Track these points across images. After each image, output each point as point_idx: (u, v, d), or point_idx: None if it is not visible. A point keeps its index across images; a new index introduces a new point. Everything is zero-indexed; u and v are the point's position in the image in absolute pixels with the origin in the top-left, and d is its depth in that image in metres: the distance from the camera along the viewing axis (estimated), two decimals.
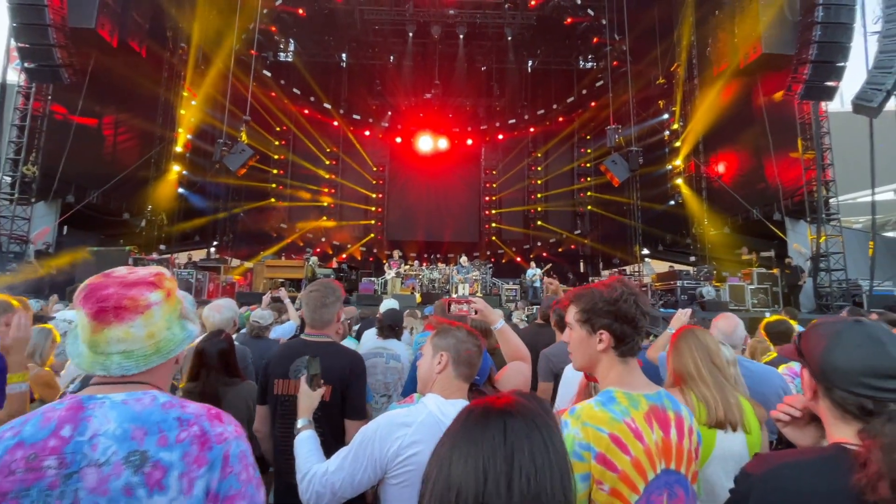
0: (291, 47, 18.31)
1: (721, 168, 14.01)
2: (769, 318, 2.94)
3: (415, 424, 1.27)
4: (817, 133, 10.72)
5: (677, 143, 15.24)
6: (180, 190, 14.99)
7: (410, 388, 2.21)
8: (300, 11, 15.43)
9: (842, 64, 9.36)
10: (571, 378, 2.18)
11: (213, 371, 2.08)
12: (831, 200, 10.70)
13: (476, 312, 1.91)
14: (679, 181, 15.19)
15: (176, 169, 14.54)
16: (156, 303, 0.95)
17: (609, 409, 1.11)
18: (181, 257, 14.49)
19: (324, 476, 1.30)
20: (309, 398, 1.59)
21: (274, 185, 18.76)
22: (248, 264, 15.78)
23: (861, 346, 0.89)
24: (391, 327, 3.24)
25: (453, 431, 0.72)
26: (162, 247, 14.04)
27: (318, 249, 17.44)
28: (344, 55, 18.83)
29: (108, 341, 0.90)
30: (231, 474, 0.88)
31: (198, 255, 16.16)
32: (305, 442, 1.47)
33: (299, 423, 1.55)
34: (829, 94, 9.80)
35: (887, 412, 0.82)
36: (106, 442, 0.81)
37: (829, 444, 0.91)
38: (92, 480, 0.78)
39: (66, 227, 11.53)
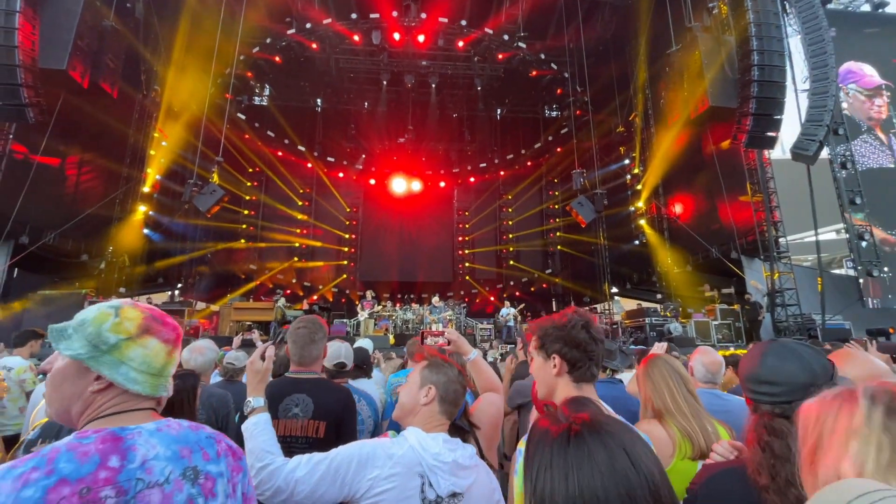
0: (266, 92, 18.65)
1: (679, 209, 14.82)
2: (725, 352, 3.11)
3: (395, 457, 1.27)
4: (763, 178, 11.58)
5: (639, 187, 16.09)
6: (145, 231, 14.52)
7: (393, 426, 2.18)
8: (277, 59, 15.86)
9: (778, 116, 10.29)
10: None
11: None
12: (780, 240, 11.41)
13: (449, 343, 1.93)
14: (642, 222, 15.92)
15: (142, 209, 14.15)
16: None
17: None
18: (141, 300, 13.81)
19: (290, 473, 1.27)
20: (260, 372, 1.55)
21: (245, 226, 18.46)
22: (214, 307, 15.21)
23: (751, 359, 1.10)
24: (359, 367, 3.18)
25: (555, 461, 0.70)
26: (122, 289, 13.38)
27: (289, 291, 17.04)
28: (319, 100, 19.27)
29: (174, 364, 1.01)
30: (250, 479, 1.08)
31: (160, 297, 15.50)
32: (265, 426, 1.41)
33: (253, 402, 1.49)
34: (770, 143, 10.69)
35: (759, 412, 1.03)
36: (161, 464, 0.90)
37: None
38: (157, 500, 0.87)
39: (16, 270, 10.91)
